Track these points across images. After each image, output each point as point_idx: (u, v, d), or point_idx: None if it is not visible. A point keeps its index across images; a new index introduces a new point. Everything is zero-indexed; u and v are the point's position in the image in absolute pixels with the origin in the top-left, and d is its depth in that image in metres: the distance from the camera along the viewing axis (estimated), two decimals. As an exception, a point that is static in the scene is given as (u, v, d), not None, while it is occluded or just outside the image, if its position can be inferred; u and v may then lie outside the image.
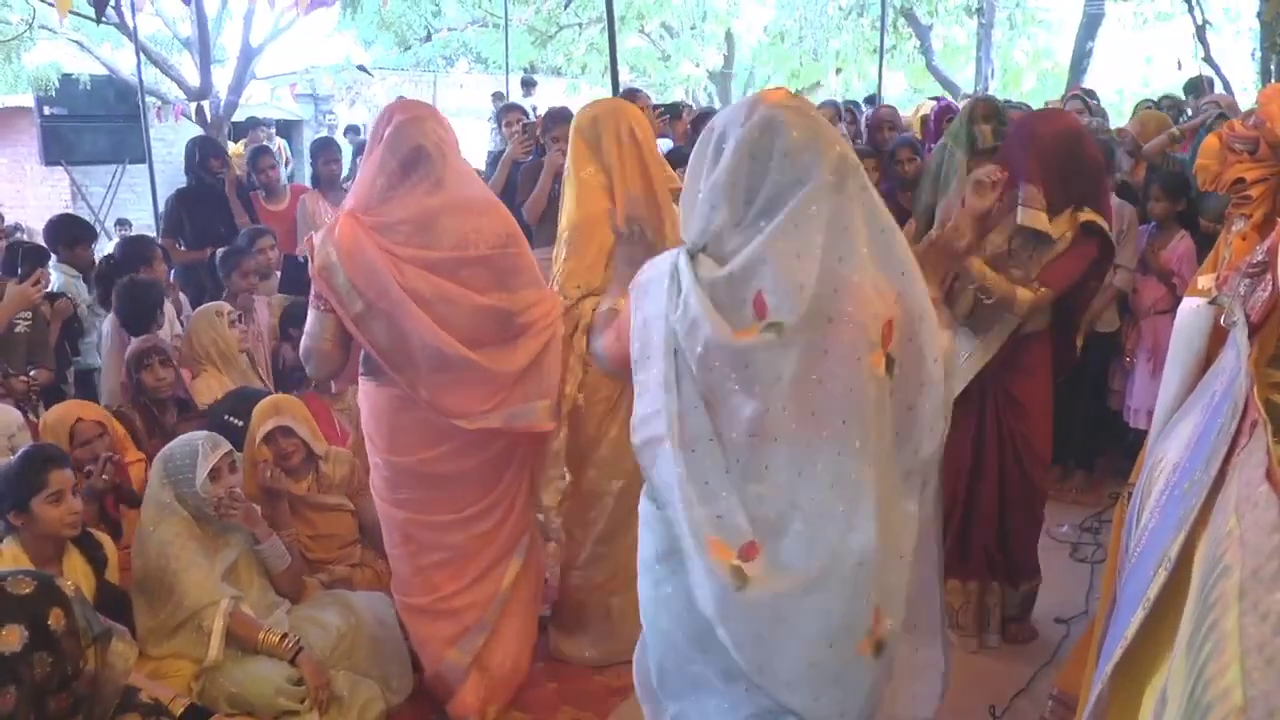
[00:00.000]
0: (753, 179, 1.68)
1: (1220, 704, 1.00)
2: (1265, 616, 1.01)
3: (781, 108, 1.71)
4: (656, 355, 1.75)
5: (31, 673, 1.96)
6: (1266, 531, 1.10)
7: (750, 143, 1.68)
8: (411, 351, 2.76)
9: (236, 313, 4.36)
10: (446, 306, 2.76)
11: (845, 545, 1.71)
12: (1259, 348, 1.81)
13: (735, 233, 1.70)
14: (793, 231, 1.66)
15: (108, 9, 8.69)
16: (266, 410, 3.41)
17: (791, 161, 1.67)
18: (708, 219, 1.72)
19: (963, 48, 19.29)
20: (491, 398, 2.87)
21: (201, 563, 2.96)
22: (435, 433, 2.87)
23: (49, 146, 12.50)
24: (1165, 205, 4.75)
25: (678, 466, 1.71)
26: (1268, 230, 2.35)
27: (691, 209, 1.77)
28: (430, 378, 2.79)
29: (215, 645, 2.87)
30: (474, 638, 3.08)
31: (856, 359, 1.69)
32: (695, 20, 19.35)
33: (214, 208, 5.69)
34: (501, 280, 2.88)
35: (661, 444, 1.74)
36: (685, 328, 1.69)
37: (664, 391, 1.73)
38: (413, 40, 18.35)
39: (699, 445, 1.72)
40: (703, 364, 1.69)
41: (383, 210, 2.79)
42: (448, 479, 2.96)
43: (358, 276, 2.70)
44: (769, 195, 1.68)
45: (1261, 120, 2.75)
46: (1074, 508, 4.75)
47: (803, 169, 1.67)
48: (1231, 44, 14.26)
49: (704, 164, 1.75)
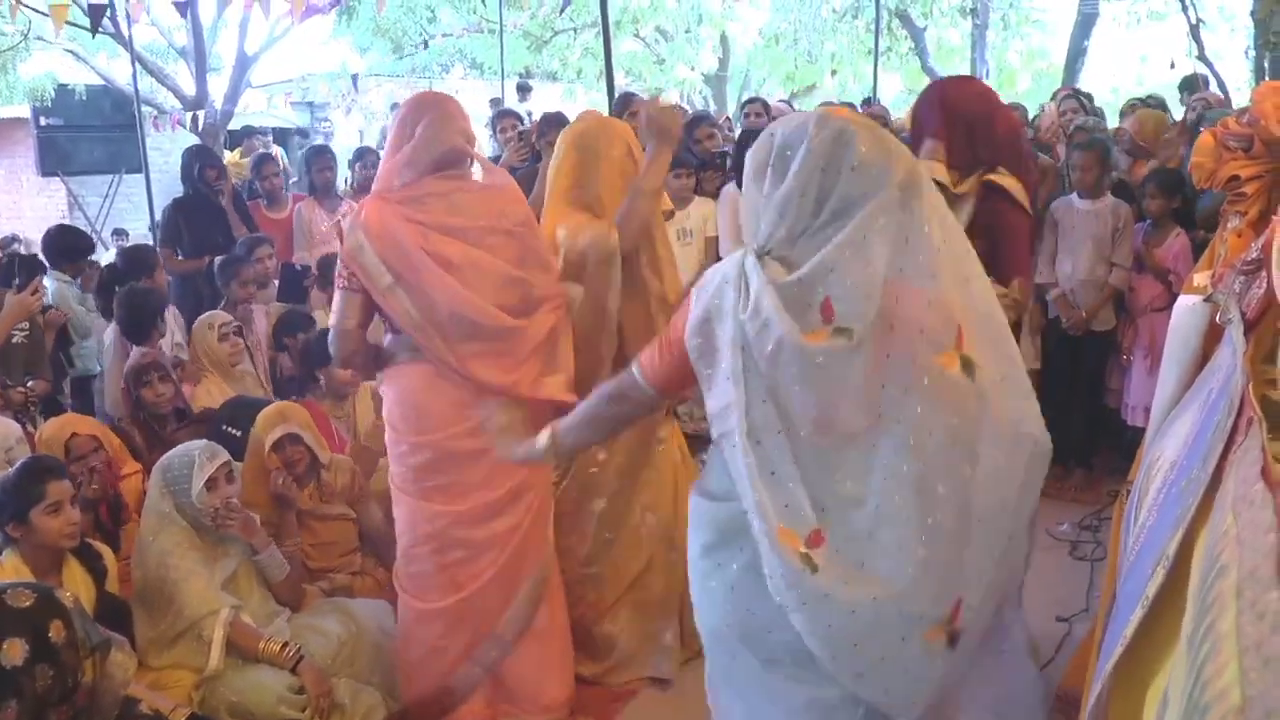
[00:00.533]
0: (822, 190, 1.76)
1: (1218, 704, 0.99)
2: (1262, 615, 1.01)
3: (851, 123, 1.81)
4: (724, 349, 1.82)
5: (33, 685, 1.95)
6: (1262, 530, 1.10)
7: (822, 155, 1.76)
8: (440, 320, 2.81)
9: (234, 324, 4.35)
10: (473, 271, 2.83)
11: (909, 542, 1.78)
12: (1254, 344, 1.81)
13: (802, 240, 1.78)
14: (860, 242, 1.73)
15: (103, 20, 8.69)
16: (273, 418, 3.40)
17: (860, 175, 1.75)
18: (775, 225, 1.80)
19: (957, 49, 19.29)
20: (515, 369, 2.91)
21: (201, 572, 2.96)
22: (461, 408, 2.89)
23: (45, 157, 12.50)
24: (1160, 203, 4.76)
25: (747, 457, 1.79)
26: (1262, 227, 2.35)
27: (754, 214, 1.85)
28: (458, 346, 2.83)
29: (216, 654, 2.87)
30: (489, 650, 3.07)
31: (918, 363, 1.77)
32: (690, 24, 19.33)
33: (211, 217, 5.68)
34: (523, 257, 2.95)
35: (733, 436, 1.82)
36: (756, 326, 1.76)
37: (732, 385, 1.80)
38: (408, 46, 18.35)
39: (765, 437, 1.80)
40: (772, 361, 1.76)
41: (412, 186, 2.87)
42: (474, 458, 2.92)
43: (385, 251, 2.78)
44: (836, 206, 1.76)
45: (1256, 118, 2.74)
46: (1073, 506, 4.75)
47: (871, 182, 1.75)
48: (1226, 42, 14.28)
49: (763, 173, 1.83)
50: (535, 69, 19.33)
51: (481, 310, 2.81)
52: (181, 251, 5.65)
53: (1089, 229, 4.78)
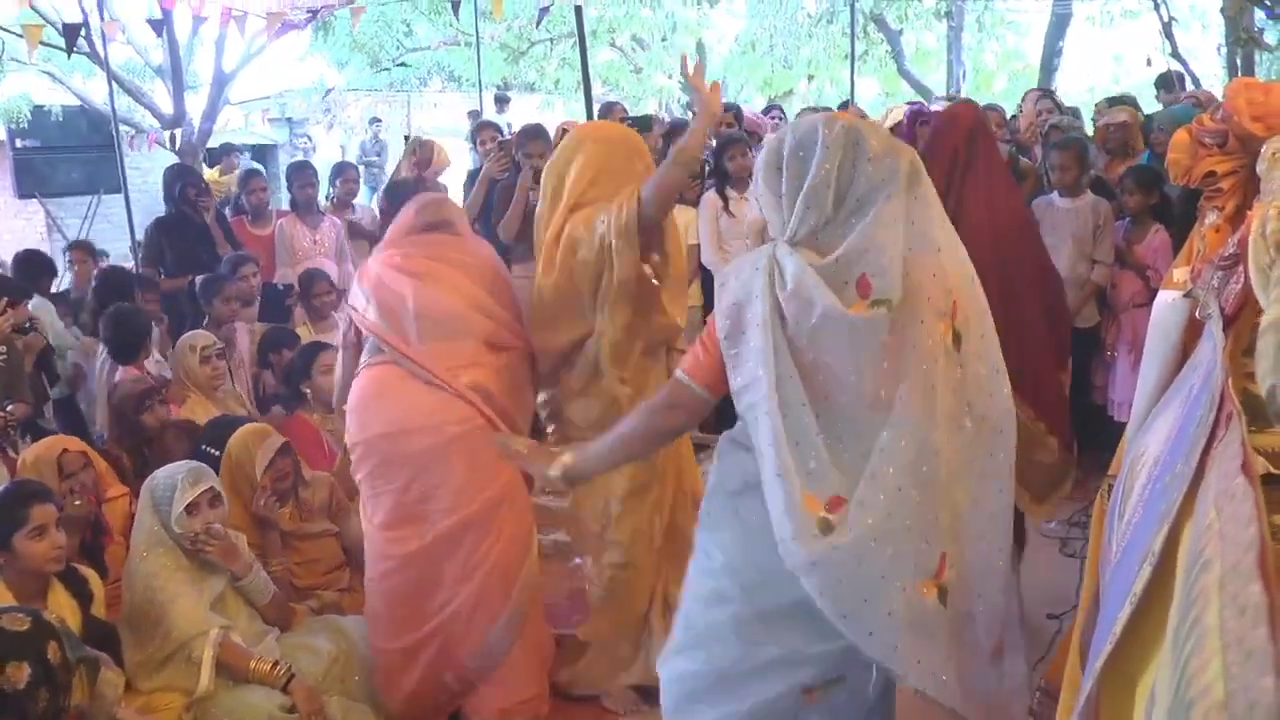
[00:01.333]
0: (840, 183, 1.97)
1: (1202, 700, 1.00)
2: (1244, 610, 1.01)
3: (859, 122, 2.06)
4: (753, 329, 1.97)
5: (36, 708, 1.98)
6: (1243, 524, 1.10)
7: (837, 152, 1.96)
8: (401, 322, 3.00)
9: (216, 346, 4.31)
10: (435, 279, 3.05)
11: (922, 500, 1.97)
12: (1234, 339, 1.83)
13: (828, 228, 1.98)
14: (883, 225, 1.95)
15: (78, 40, 8.66)
16: (254, 437, 3.38)
17: (874, 167, 1.97)
18: (801, 217, 1.99)
19: (933, 51, 19.38)
20: (470, 367, 3.02)
21: (189, 592, 2.94)
22: (415, 406, 2.97)
23: (22, 179, 12.44)
24: (1139, 199, 4.79)
25: (775, 425, 1.94)
26: (1239, 222, 2.37)
27: (776, 210, 2.05)
28: (418, 345, 2.99)
29: (205, 675, 2.85)
30: (452, 681, 3.09)
31: (934, 331, 1.98)
32: (666, 32, 19.34)
33: (195, 235, 5.66)
34: (491, 290, 3.15)
35: (758, 408, 1.96)
36: (797, 305, 1.94)
37: (761, 362, 1.95)
38: (385, 60, 18.30)
39: (790, 410, 1.94)
40: (814, 335, 1.94)
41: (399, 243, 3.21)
42: (427, 461, 2.95)
43: (368, 284, 3.10)
44: (859, 195, 1.97)
45: (1229, 114, 2.76)
46: (1062, 502, 4.76)
47: (885, 172, 1.97)
48: (1199, 39, 14.39)
49: (778, 173, 2.02)
50: (513, 80, 19.31)
51: (435, 299, 3.01)
52: (165, 271, 5.63)
53: (1070, 227, 4.81)
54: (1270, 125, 2.59)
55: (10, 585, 2.67)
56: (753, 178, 2.93)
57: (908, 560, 1.96)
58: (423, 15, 17.39)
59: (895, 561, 1.94)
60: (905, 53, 18.16)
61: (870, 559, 1.92)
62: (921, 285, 1.97)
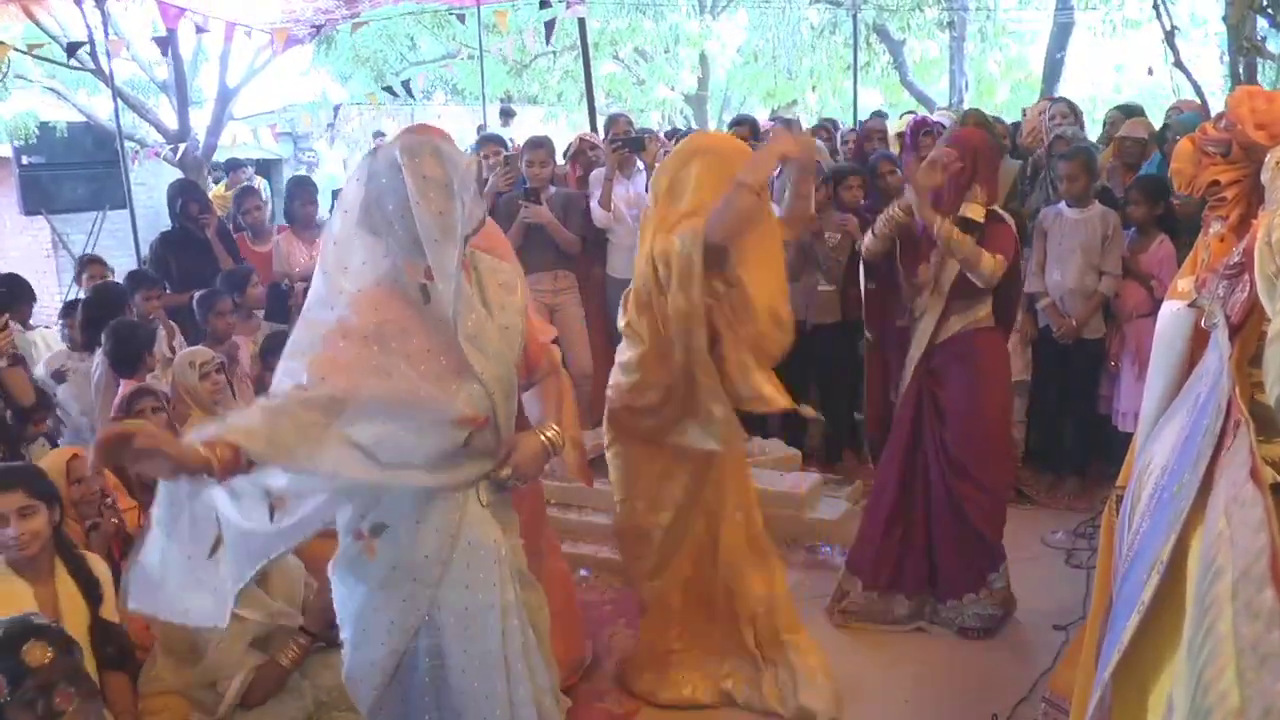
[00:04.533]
0: None
1: (1219, 707, 1.00)
2: (1257, 615, 1.01)
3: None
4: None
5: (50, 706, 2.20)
6: (1253, 530, 1.10)
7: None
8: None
9: (215, 361, 4.29)
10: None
11: None
12: (1240, 348, 1.83)
13: None
14: None
15: (80, 53, 8.72)
16: None
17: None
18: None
19: (936, 61, 19.38)
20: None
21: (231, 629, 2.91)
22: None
23: (28, 196, 12.45)
24: (1144, 209, 4.78)
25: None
26: (1244, 231, 2.37)
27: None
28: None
29: (227, 703, 2.86)
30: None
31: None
32: (668, 44, 19.39)
33: (199, 250, 5.69)
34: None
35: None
36: None
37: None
38: (389, 75, 18.35)
39: None
40: None
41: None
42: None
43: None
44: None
45: (1232, 122, 2.76)
46: (1067, 514, 4.76)
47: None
48: (1200, 48, 14.39)
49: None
50: (516, 93, 19.36)
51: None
52: (170, 285, 5.65)
53: (1078, 238, 4.79)
54: (1274, 134, 2.58)
55: (13, 564, 2.69)
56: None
57: None
58: (426, 29, 17.47)
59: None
60: (908, 63, 18.19)
61: None
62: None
